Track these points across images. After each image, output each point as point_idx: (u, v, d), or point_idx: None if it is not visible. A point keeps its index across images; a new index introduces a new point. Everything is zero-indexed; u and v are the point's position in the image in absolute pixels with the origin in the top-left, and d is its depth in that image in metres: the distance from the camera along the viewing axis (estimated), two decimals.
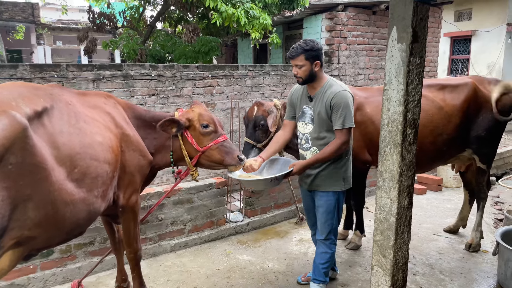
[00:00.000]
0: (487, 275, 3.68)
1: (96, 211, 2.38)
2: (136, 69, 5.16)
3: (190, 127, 2.92)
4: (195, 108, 3.01)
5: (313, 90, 3.00)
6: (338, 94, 2.85)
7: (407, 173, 2.22)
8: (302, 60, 2.84)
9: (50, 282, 3.42)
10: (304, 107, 3.07)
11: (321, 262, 3.17)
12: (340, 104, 2.84)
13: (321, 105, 2.92)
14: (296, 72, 2.90)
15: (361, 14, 7.36)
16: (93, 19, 8.85)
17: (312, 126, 3.01)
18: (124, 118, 2.75)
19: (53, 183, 1.98)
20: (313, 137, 3.02)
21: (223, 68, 5.94)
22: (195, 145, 2.91)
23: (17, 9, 17.49)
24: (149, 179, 3.09)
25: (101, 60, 20.05)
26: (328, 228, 3.09)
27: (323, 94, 2.93)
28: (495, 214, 5.28)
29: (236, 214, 4.69)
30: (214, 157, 2.95)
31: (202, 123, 2.91)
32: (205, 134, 2.92)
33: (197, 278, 3.61)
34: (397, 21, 2.12)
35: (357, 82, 7.54)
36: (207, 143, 2.92)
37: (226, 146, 2.97)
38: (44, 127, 2.04)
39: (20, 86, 2.20)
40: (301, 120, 3.10)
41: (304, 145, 3.11)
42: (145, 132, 2.90)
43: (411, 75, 2.12)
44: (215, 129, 2.95)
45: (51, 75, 4.56)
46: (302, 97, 3.09)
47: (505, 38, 12.25)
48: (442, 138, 3.81)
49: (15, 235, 1.93)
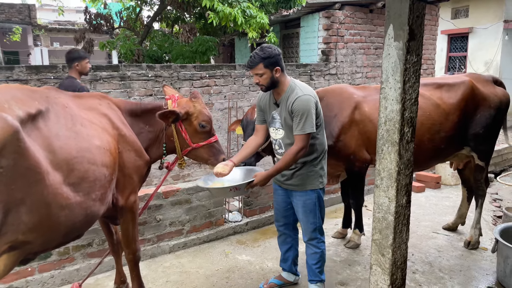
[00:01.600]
0: (486, 273, 3.68)
1: (95, 214, 2.36)
2: (133, 70, 5.15)
3: (185, 120, 2.92)
4: (195, 103, 2.98)
5: (278, 96, 2.97)
6: (299, 99, 2.81)
7: (405, 172, 2.21)
8: (261, 68, 2.80)
9: (49, 284, 3.41)
10: (273, 113, 3.03)
11: (313, 263, 3.15)
12: (300, 109, 2.79)
13: (285, 111, 2.90)
14: (258, 81, 2.87)
15: (358, 12, 7.35)
16: (89, 20, 8.83)
17: (283, 131, 2.98)
18: (120, 118, 2.73)
19: (48, 186, 1.95)
20: (286, 143, 2.98)
21: (221, 68, 5.93)
22: (188, 139, 2.93)
23: (14, 11, 17.42)
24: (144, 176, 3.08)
25: (98, 61, 19.98)
26: (312, 227, 3.06)
27: (286, 99, 2.90)
28: (493, 211, 5.29)
29: (234, 214, 4.68)
30: (201, 155, 3.01)
31: (201, 122, 2.92)
32: (200, 133, 2.95)
33: (196, 278, 3.60)
34: (393, 19, 2.11)
35: (354, 80, 7.54)
36: (200, 141, 2.95)
37: (215, 147, 3.03)
38: (39, 130, 2.01)
39: (15, 88, 2.17)
40: (272, 126, 3.07)
41: (278, 150, 3.09)
42: (139, 126, 2.89)
43: (408, 73, 2.11)
44: (211, 129, 2.98)
45: (48, 77, 4.54)
46: (269, 103, 3.06)
47: (502, 35, 12.25)
48: (439, 136, 3.81)
49: (9, 239, 1.90)
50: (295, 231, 3.37)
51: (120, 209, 2.69)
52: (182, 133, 2.92)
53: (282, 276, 3.45)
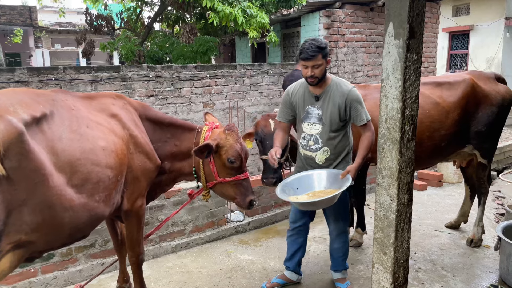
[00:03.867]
0: (489, 270, 3.67)
1: (99, 215, 2.36)
2: (134, 71, 5.15)
3: (215, 153, 2.79)
4: (228, 136, 2.82)
5: (318, 89, 2.96)
6: (354, 91, 2.91)
7: (406, 170, 2.21)
8: (320, 59, 2.81)
9: (52, 285, 3.41)
10: (309, 107, 3.01)
11: (340, 255, 3.25)
12: (358, 100, 2.90)
13: (333, 104, 2.91)
14: (313, 73, 2.83)
15: (358, 11, 7.34)
16: (90, 21, 8.86)
17: (321, 126, 2.97)
18: (133, 119, 2.69)
19: (51, 188, 1.98)
20: (325, 137, 2.99)
21: (221, 68, 5.93)
22: (214, 172, 2.80)
23: (15, 13, 17.48)
24: (165, 185, 3.03)
25: (100, 62, 20.02)
26: (343, 223, 3.18)
27: (332, 93, 2.92)
28: (496, 209, 5.27)
29: (236, 213, 4.68)
30: (227, 191, 2.88)
31: (230, 157, 2.77)
32: (229, 168, 2.81)
33: (198, 278, 3.60)
34: (393, 17, 2.10)
35: (355, 79, 7.53)
36: (227, 176, 2.82)
37: (243, 185, 2.87)
38: (43, 133, 2.04)
39: (21, 92, 2.21)
40: (307, 121, 3.04)
41: (312, 146, 3.05)
42: (163, 135, 2.82)
43: (408, 71, 2.10)
44: (240, 166, 2.83)
45: (49, 78, 4.55)
46: (305, 97, 3.03)
47: (503, 32, 12.22)
48: (439, 134, 3.80)
49: (12, 239, 1.93)
50: (307, 231, 3.39)
51: (125, 212, 2.66)
52: (210, 165, 2.80)
53: (285, 275, 3.44)
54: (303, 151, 3.13)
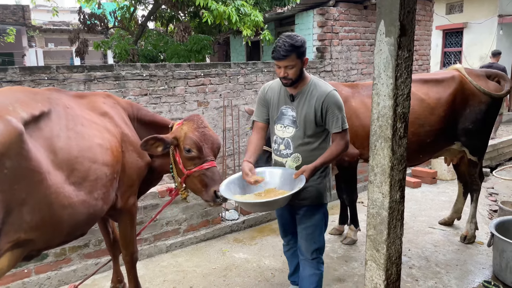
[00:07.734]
0: (482, 267, 3.70)
1: (97, 213, 2.38)
2: (127, 70, 5.13)
3: (178, 146, 2.72)
4: (184, 125, 2.75)
5: (295, 89, 2.62)
6: (332, 94, 2.56)
7: (398, 167, 2.22)
8: (294, 59, 2.45)
9: (45, 286, 3.40)
10: (284, 108, 2.68)
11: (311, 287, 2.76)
12: (336, 105, 2.55)
13: (308, 106, 2.58)
14: (286, 74, 2.49)
15: (352, 9, 7.35)
16: (84, 20, 8.80)
17: (294, 129, 2.63)
18: (123, 118, 2.72)
19: (50, 186, 1.99)
20: (297, 142, 2.64)
21: (215, 66, 5.91)
22: (180, 165, 2.73)
23: (8, 12, 17.33)
24: (153, 181, 3.05)
25: (94, 61, 19.91)
26: (315, 246, 2.72)
27: (309, 94, 2.59)
28: (489, 206, 5.31)
29: (231, 212, 4.68)
30: (194, 184, 2.73)
31: (185, 147, 2.67)
32: (189, 159, 2.70)
33: (193, 277, 3.60)
34: (384, 14, 2.11)
35: (350, 77, 7.54)
36: (191, 167, 2.70)
37: (207, 175, 2.68)
38: (41, 131, 2.06)
39: (18, 91, 2.24)
40: (279, 123, 2.70)
41: (283, 151, 2.70)
42: (148, 133, 2.77)
43: (399, 68, 2.11)
44: (199, 154, 2.69)
45: (42, 78, 4.52)
46: (280, 96, 2.70)
47: (496, 30, 12.27)
48: (424, 130, 3.81)
49: (11, 238, 1.94)
50: None
51: (119, 211, 2.67)
52: (176, 159, 2.74)
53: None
54: (274, 156, 2.79)
